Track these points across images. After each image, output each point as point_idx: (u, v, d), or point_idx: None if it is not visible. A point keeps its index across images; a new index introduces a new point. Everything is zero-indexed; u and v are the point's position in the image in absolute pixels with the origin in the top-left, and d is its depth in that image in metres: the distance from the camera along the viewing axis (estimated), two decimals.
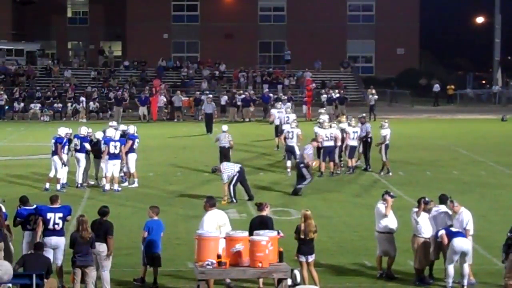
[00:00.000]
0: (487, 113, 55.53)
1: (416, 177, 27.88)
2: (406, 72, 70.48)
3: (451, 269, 15.36)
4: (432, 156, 32.89)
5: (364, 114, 31.51)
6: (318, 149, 27.57)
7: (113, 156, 24.98)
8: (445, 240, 15.38)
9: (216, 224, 14.81)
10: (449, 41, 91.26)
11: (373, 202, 18.85)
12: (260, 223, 15.04)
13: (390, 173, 27.98)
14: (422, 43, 76.26)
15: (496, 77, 69.70)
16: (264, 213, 15.53)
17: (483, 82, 77.81)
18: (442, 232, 15.49)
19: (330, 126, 28.32)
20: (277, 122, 35.30)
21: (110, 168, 25.02)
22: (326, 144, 27.57)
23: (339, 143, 28.06)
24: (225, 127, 29.30)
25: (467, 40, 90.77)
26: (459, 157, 33.33)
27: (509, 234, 14.86)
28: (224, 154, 27.77)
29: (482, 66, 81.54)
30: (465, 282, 15.38)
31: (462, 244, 15.26)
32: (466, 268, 15.41)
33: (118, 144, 25.08)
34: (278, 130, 34.29)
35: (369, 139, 29.04)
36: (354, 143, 28.56)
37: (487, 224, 17.71)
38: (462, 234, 15.43)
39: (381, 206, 16.23)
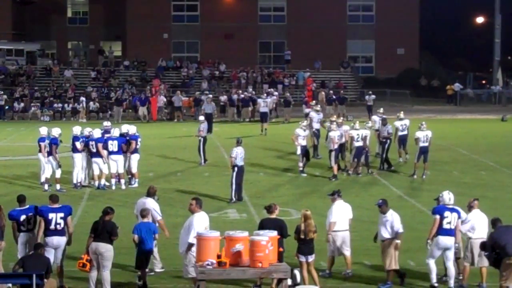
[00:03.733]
0: (487, 113, 55.50)
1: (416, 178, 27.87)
2: (406, 72, 70.46)
3: (432, 264, 15.27)
4: (432, 156, 32.68)
5: (384, 116, 31.12)
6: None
7: (93, 155, 25.55)
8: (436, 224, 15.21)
9: (203, 227, 14.48)
10: (449, 41, 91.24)
11: (373, 202, 18.83)
12: (274, 227, 14.32)
13: (416, 176, 27.93)
14: (422, 43, 76.23)
15: (496, 77, 69.68)
16: (274, 215, 15.13)
17: (483, 82, 77.77)
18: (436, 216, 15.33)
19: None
20: (264, 110, 42.57)
21: (94, 166, 25.67)
22: (356, 144, 27.66)
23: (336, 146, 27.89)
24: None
25: (467, 40, 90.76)
26: (459, 157, 33.32)
27: (485, 253, 14.67)
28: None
29: (482, 66, 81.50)
30: (452, 283, 15.26)
31: (447, 241, 15.19)
32: (452, 268, 15.33)
33: (93, 143, 25.53)
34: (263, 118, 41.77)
35: (389, 140, 29.16)
36: (359, 143, 28.49)
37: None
38: (451, 231, 15.25)
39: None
